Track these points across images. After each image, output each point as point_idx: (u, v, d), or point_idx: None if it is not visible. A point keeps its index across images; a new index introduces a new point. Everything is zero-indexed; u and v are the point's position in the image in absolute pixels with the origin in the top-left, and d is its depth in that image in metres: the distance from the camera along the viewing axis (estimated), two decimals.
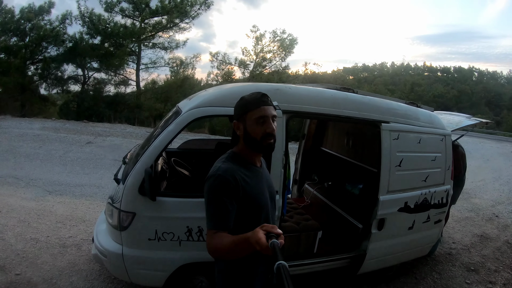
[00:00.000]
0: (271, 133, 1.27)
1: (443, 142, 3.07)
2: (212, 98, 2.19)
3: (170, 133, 2.04)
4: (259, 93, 1.31)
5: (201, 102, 2.14)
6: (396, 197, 2.68)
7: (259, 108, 1.27)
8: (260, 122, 1.27)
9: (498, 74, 76.68)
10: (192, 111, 2.10)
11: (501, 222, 5.46)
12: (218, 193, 1.23)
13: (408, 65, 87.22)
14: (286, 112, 2.21)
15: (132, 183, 1.97)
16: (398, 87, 50.48)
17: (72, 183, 5.46)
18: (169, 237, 2.03)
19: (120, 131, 10.90)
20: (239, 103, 1.33)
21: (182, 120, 2.07)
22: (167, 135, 2.04)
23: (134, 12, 18.24)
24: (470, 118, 3.86)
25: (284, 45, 21.28)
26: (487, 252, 4.24)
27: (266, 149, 1.30)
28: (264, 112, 1.27)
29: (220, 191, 1.22)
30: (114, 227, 2.08)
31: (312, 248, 2.67)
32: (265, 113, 1.27)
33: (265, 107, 1.28)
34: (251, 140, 1.29)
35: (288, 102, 2.21)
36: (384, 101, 2.81)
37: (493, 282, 3.51)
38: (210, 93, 2.31)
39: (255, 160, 1.37)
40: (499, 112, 47.99)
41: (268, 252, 0.98)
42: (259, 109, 1.27)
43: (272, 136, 1.28)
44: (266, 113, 1.27)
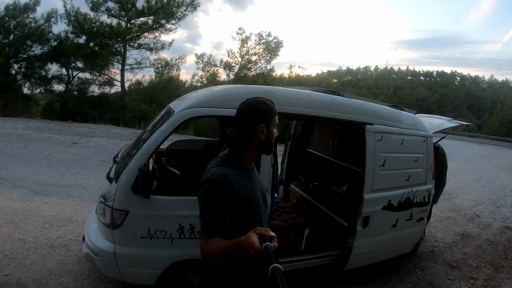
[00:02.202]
0: (277, 136, 1.41)
1: (425, 144, 3.22)
2: (204, 99, 2.25)
3: (163, 133, 2.09)
4: (272, 101, 1.39)
5: (193, 103, 2.19)
6: (380, 195, 2.79)
7: (276, 115, 1.38)
8: (276, 126, 1.38)
9: (480, 79, 79.14)
10: (185, 111, 2.15)
11: (482, 221, 5.69)
12: (213, 199, 1.21)
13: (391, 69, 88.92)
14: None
15: (125, 182, 2.00)
16: (381, 90, 51.18)
17: (58, 184, 5.38)
18: (162, 235, 2.07)
19: (105, 132, 10.78)
20: (266, 107, 1.32)
21: (175, 120, 2.11)
22: (160, 135, 2.08)
23: (120, 12, 18.02)
24: (451, 121, 4.04)
25: (269, 48, 21.45)
26: (469, 250, 4.43)
27: (272, 151, 1.44)
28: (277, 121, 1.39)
29: (215, 197, 1.21)
30: (106, 225, 2.10)
31: (299, 245, 2.76)
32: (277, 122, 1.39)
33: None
34: (268, 144, 1.35)
35: (277, 104, 2.24)
36: (368, 103, 2.93)
37: (475, 278, 3.68)
38: (202, 94, 2.36)
39: (250, 163, 1.38)
40: (481, 116, 49.49)
41: (262, 255, 0.98)
42: (276, 116, 1.37)
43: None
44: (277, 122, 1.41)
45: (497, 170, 10.94)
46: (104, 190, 2.23)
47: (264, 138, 1.31)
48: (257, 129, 1.29)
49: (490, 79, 79.76)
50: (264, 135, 1.31)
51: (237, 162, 1.32)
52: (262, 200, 1.41)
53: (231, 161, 1.32)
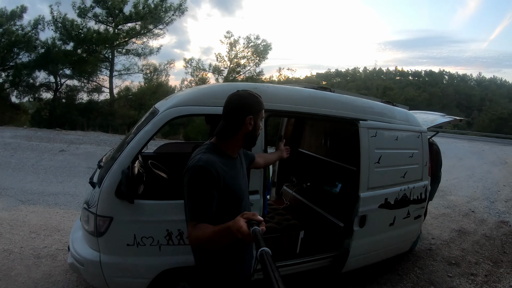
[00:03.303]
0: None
1: (420, 139, 3.16)
2: (189, 97, 2.14)
3: (147, 133, 1.96)
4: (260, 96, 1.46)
5: (178, 101, 2.09)
6: (376, 193, 2.72)
7: (263, 110, 1.45)
8: (260, 121, 1.43)
9: (468, 77, 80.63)
10: (169, 110, 2.04)
11: (477, 217, 5.68)
12: (200, 185, 1.22)
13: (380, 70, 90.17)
14: (265, 111, 2.18)
15: (108, 186, 1.88)
16: (370, 91, 51.50)
17: (45, 192, 5.21)
18: (149, 242, 1.95)
19: (93, 139, 10.59)
20: (256, 100, 1.40)
21: (159, 120, 2.00)
22: (144, 136, 1.96)
23: (107, 18, 17.87)
24: (444, 116, 4.01)
25: (258, 51, 21.49)
26: (466, 246, 4.38)
27: (254, 144, 1.45)
28: (263, 114, 1.47)
29: (202, 182, 1.22)
30: (90, 233, 1.98)
31: (294, 248, 2.66)
32: (264, 115, 1.47)
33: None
34: (253, 136, 1.41)
35: (267, 101, 2.15)
36: (360, 99, 2.86)
37: (475, 274, 3.62)
38: (187, 93, 2.27)
39: (234, 152, 1.43)
40: (470, 113, 50.21)
41: (250, 239, 0.98)
42: (263, 111, 1.45)
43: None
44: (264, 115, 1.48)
45: (489, 166, 11.02)
46: (87, 196, 2.11)
47: (250, 129, 1.37)
48: (246, 120, 1.35)
49: (478, 77, 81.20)
50: (251, 126, 1.36)
51: (222, 151, 1.36)
52: (246, 186, 1.48)
53: (216, 149, 1.35)
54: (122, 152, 1.95)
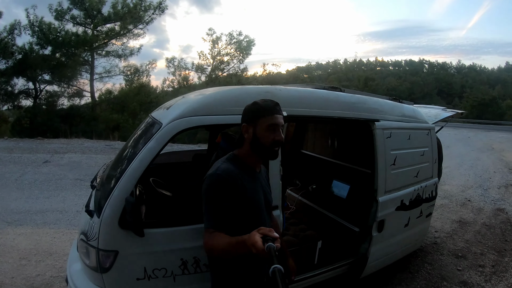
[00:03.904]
0: (280, 141, 1.32)
1: (429, 136, 3.09)
2: (197, 106, 1.83)
3: (151, 151, 1.68)
4: (273, 101, 1.36)
5: (185, 111, 1.79)
6: (393, 196, 2.62)
7: (273, 116, 1.31)
8: (271, 129, 1.30)
9: (448, 65, 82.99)
10: (176, 122, 1.74)
11: (474, 206, 5.75)
12: (216, 192, 1.24)
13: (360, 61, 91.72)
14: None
15: (110, 216, 1.61)
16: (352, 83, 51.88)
17: (32, 210, 4.86)
18: (161, 274, 1.71)
19: (78, 147, 10.13)
20: (252, 107, 1.35)
21: (165, 134, 1.72)
22: (148, 154, 1.68)
23: (85, 20, 17.19)
24: (446, 110, 3.96)
25: (241, 47, 21.26)
26: (469, 237, 4.40)
27: (271, 156, 1.35)
28: (276, 120, 1.31)
29: (218, 191, 1.24)
30: (92, 268, 1.72)
31: (312, 259, 2.53)
32: (277, 121, 1.31)
33: (277, 116, 1.32)
34: (258, 146, 1.32)
35: (282, 105, 2.01)
36: (372, 99, 2.74)
37: (482, 266, 3.62)
38: (194, 100, 1.94)
39: (255, 164, 1.39)
40: (451, 101, 51.57)
41: (264, 255, 0.97)
42: (272, 116, 1.31)
43: (279, 144, 1.33)
44: (278, 122, 1.32)
45: (477, 153, 11.29)
46: (83, 225, 1.80)
47: (251, 138, 1.33)
48: (241, 127, 1.36)
49: (458, 64, 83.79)
50: (248, 135, 1.33)
51: (243, 162, 1.36)
52: (266, 207, 1.42)
53: (236, 160, 1.36)
54: (123, 174, 1.68)
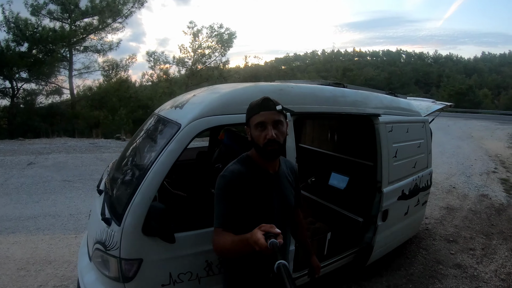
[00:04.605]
0: (270, 139, 1.24)
1: (424, 129, 3.24)
2: (215, 105, 1.79)
3: (172, 153, 1.64)
4: (262, 98, 1.29)
5: (204, 111, 1.75)
6: (395, 187, 2.75)
7: (259, 114, 1.26)
8: (259, 128, 1.26)
9: (425, 55, 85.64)
10: (196, 122, 1.70)
11: (459, 192, 6.05)
12: (223, 193, 1.27)
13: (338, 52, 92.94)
14: (293, 114, 2.03)
15: (132, 224, 1.55)
16: (330, 73, 52.36)
17: (22, 216, 4.68)
18: (187, 277, 1.71)
19: (61, 146, 9.77)
20: (247, 109, 1.34)
21: (186, 135, 1.67)
22: (170, 156, 1.63)
23: (62, 14, 16.44)
24: (436, 102, 4.14)
25: (222, 40, 21.06)
26: (458, 222, 4.66)
27: (266, 156, 1.29)
28: (262, 117, 1.25)
29: (224, 191, 1.27)
30: (113, 279, 1.66)
31: (322, 251, 2.62)
32: (263, 119, 1.25)
33: (264, 113, 1.25)
34: (256, 147, 1.30)
35: (293, 103, 2.04)
36: (373, 94, 2.83)
37: (473, 249, 3.86)
38: (211, 99, 1.88)
39: (267, 165, 1.35)
40: (429, 90, 53.24)
41: (267, 252, 0.98)
42: (258, 114, 1.26)
43: (273, 142, 1.25)
44: (264, 119, 1.25)
45: (457, 141, 11.80)
46: (98, 234, 1.73)
47: (251, 139, 1.32)
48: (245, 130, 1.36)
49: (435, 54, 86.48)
50: (249, 137, 1.33)
51: (254, 163, 1.34)
52: (282, 210, 1.37)
53: (248, 161, 1.35)
54: (144, 179, 1.62)
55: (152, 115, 2.45)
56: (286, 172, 1.45)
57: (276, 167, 1.39)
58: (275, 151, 1.27)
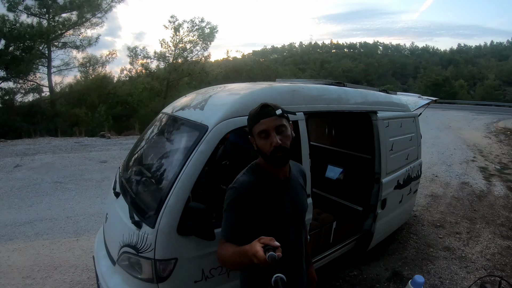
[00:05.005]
0: (276, 146, 1.20)
1: (414, 123, 3.49)
2: (238, 107, 1.84)
3: (203, 154, 1.70)
4: (260, 105, 1.25)
5: (229, 113, 1.81)
6: (392, 177, 2.98)
7: (259, 123, 1.22)
8: (263, 136, 1.22)
9: (402, 47, 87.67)
10: (223, 123, 1.77)
11: (442, 180, 6.46)
12: (230, 205, 1.25)
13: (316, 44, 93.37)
14: (305, 113, 2.16)
15: (167, 225, 1.60)
16: (308, 65, 52.56)
17: (18, 221, 4.57)
18: (217, 272, 1.80)
19: (46, 146, 9.49)
20: (247, 118, 1.29)
21: (214, 136, 1.74)
22: (201, 157, 1.69)
23: (40, 10, 15.79)
24: (422, 97, 4.42)
25: (204, 34, 20.90)
26: (443, 209, 5.01)
27: (275, 163, 1.25)
28: (264, 126, 1.21)
29: (232, 204, 1.24)
30: (146, 280, 1.70)
31: (328, 239, 2.81)
32: (265, 127, 1.21)
33: (265, 120, 1.22)
34: (263, 155, 1.26)
35: (305, 102, 2.19)
36: (370, 92, 3.04)
37: (459, 233, 4.20)
38: (234, 101, 1.92)
39: (277, 172, 1.31)
40: (406, 81, 54.71)
41: (266, 265, 0.96)
42: (258, 123, 1.22)
43: (280, 149, 1.21)
44: (266, 127, 1.21)
45: (436, 131, 12.41)
46: (127, 237, 1.75)
47: (256, 148, 1.28)
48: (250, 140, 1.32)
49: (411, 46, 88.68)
50: (255, 146, 1.28)
51: (264, 171, 1.31)
52: (295, 215, 1.34)
53: (258, 170, 1.32)
54: (176, 180, 1.66)
55: (164, 115, 2.47)
56: (297, 176, 1.43)
57: (287, 173, 1.35)
58: (283, 157, 1.23)
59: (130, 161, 2.47)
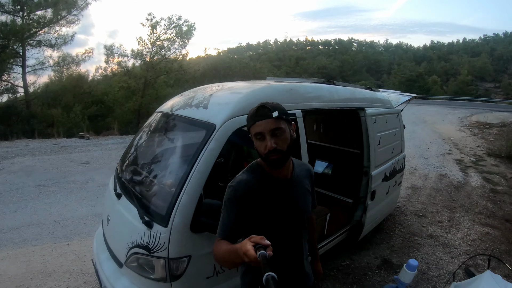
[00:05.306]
0: (270, 149, 1.18)
1: (398, 119, 3.72)
2: (243, 105, 1.88)
3: (213, 152, 1.72)
4: (258, 105, 1.22)
5: (235, 111, 1.85)
6: (380, 170, 3.16)
7: (255, 124, 1.20)
8: (258, 138, 1.21)
9: (376, 43, 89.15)
10: (230, 121, 1.81)
11: (420, 173, 6.81)
12: (227, 203, 1.26)
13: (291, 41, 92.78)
14: (302, 111, 2.25)
15: (181, 223, 1.62)
16: (283, 62, 52.68)
17: (3, 228, 4.39)
18: None
19: (24, 149, 9.10)
20: (246, 118, 1.27)
21: (223, 134, 1.78)
22: (211, 155, 1.71)
23: (14, 7, 15.01)
24: (403, 94, 4.66)
25: (181, 32, 20.68)
26: (423, 199, 5.31)
27: (271, 165, 1.24)
28: (259, 128, 1.19)
29: (229, 202, 1.25)
30: (159, 280, 1.70)
31: (323, 230, 2.95)
32: (260, 130, 1.19)
33: (260, 122, 1.19)
34: (260, 156, 1.25)
35: (303, 100, 2.29)
36: (357, 90, 3.22)
37: (441, 221, 4.49)
38: (238, 99, 1.96)
39: (276, 173, 1.29)
40: (380, 77, 55.95)
41: (257, 264, 0.95)
42: (254, 125, 1.20)
43: (275, 152, 1.19)
44: (261, 129, 1.19)
45: (411, 126, 12.93)
46: (136, 238, 1.74)
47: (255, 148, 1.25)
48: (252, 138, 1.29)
49: (385, 43, 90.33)
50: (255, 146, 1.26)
51: (263, 170, 1.30)
52: (295, 215, 1.32)
53: (258, 169, 1.31)
54: (188, 179, 1.68)
55: (162, 114, 2.44)
56: (302, 177, 1.39)
57: (288, 174, 1.32)
58: (278, 160, 1.21)
59: (131, 161, 2.45)
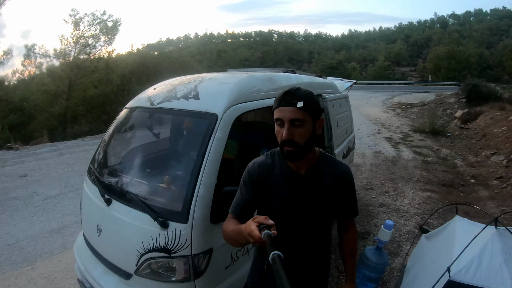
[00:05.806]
0: (285, 139, 1.12)
1: (346, 102, 4.09)
2: (237, 94, 1.89)
3: (220, 141, 1.69)
4: (286, 90, 1.15)
5: (232, 99, 1.83)
6: (340, 149, 3.44)
7: (278, 109, 1.14)
8: (278, 124, 1.15)
9: (296, 34, 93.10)
10: (231, 110, 1.78)
11: (358, 152, 7.52)
12: (241, 182, 1.28)
13: (211, 34, 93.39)
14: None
15: (201, 217, 1.57)
16: (205, 56, 52.82)
17: None
18: (241, 253, 1.84)
19: None
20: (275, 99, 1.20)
21: (227, 123, 1.75)
22: (219, 144, 1.68)
23: None
24: (344, 81, 5.13)
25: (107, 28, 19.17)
26: (367, 175, 5.93)
27: (285, 156, 1.18)
28: (280, 114, 1.13)
29: (242, 180, 1.28)
30: (182, 280, 1.62)
31: None
32: (281, 116, 1.12)
33: (283, 108, 1.12)
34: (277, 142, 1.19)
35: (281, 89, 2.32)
36: (315, 78, 3.46)
37: (387, 191, 5.09)
38: (232, 89, 1.93)
39: (295, 166, 1.24)
40: (301, 66, 58.05)
41: (262, 244, 0.95)
42: (277, 109, 1.14)
43: (288, 143, 1.12)
44: (281, 116, 1.12)
45: None
46: (149, 242, 1.62)
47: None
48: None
49: (305, 33, 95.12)
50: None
51: (280, 157, 1.26)
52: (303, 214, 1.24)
53: (275, 154, 1.30)
54: (201, 171, 1.61)
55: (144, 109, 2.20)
56: (327, 176, 1.27)
57: (306, 169, 1.24)
58: (292, 153, 1.14)
59: (117, 162, 2.23)
